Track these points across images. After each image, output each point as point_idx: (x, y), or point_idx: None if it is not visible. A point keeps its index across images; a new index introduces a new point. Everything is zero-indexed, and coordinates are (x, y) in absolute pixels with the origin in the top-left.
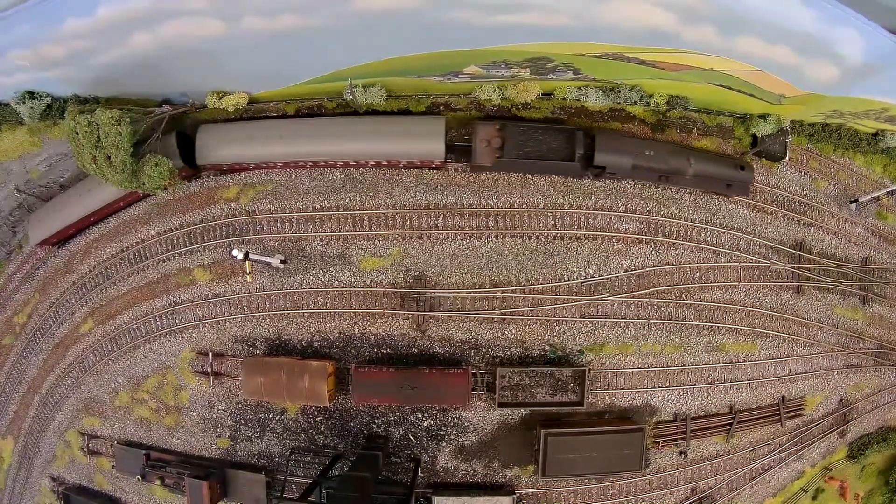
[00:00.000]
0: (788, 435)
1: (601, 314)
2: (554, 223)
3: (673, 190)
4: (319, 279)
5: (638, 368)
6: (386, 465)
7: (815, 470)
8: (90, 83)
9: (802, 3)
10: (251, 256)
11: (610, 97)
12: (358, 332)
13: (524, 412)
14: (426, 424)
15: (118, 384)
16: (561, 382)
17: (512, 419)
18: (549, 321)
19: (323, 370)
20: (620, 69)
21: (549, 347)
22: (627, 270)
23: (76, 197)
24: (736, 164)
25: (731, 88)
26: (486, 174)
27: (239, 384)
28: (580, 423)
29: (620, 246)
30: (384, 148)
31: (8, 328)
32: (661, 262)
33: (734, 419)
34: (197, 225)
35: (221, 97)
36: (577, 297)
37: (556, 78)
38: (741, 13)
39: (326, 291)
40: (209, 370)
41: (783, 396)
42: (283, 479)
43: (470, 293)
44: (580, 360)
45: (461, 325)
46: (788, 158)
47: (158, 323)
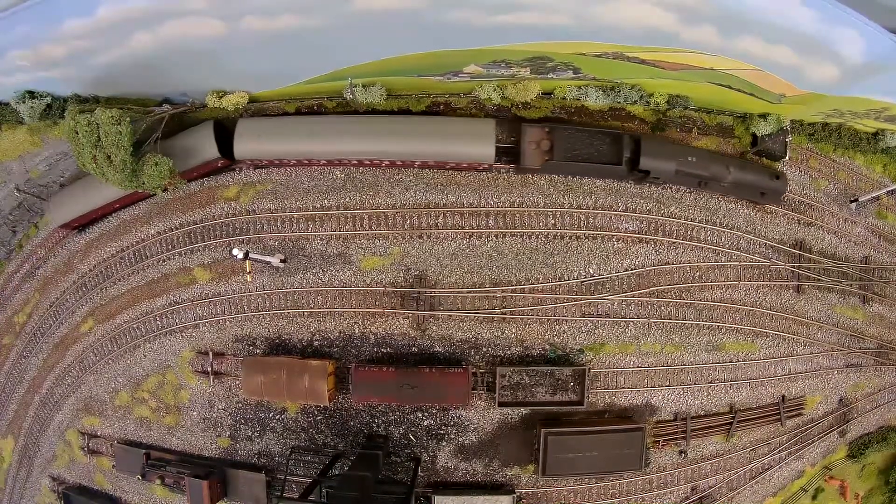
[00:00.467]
0: (788, 434)
1: (601, 313)
2: (554, 222)
3: (673, 189)
4: (319, 278)
5: (638, 368)
6: (386, 464)
7: (815, 469)
8: (90, 83)
9: (803, 3)
10: (251, 256)
11: (610, 96)
12: (358, 331)
13: (524, 411)
14: (426, 424)
15: (118, 383)
16: (561, 382)
17: (512, 418)
18: (549, 320)
19: (323, 369)
20: (620, 68)
21: (549, 347)
22: (627, 270)
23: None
24: (771, 173)
25: (731, 88)
26: (531, 175)
27: (239, 383)
28: (580, 422)
29: (620, 245)
30: (433, 149)
31: (8, 328)
32: (661, 261)
33: (734, 418)
34: (197, 224)
35: (221, 97)
36: (577, 296)
37: (555, 77)
38: (741, 13)
39: (326, 291)
40: (209, 369)
41: (783, 396)
42: (283, 478)
43: (470, 292)
44: (580, 359)
45: (461, 324)
46: (788, 158)
47: (158, 322)
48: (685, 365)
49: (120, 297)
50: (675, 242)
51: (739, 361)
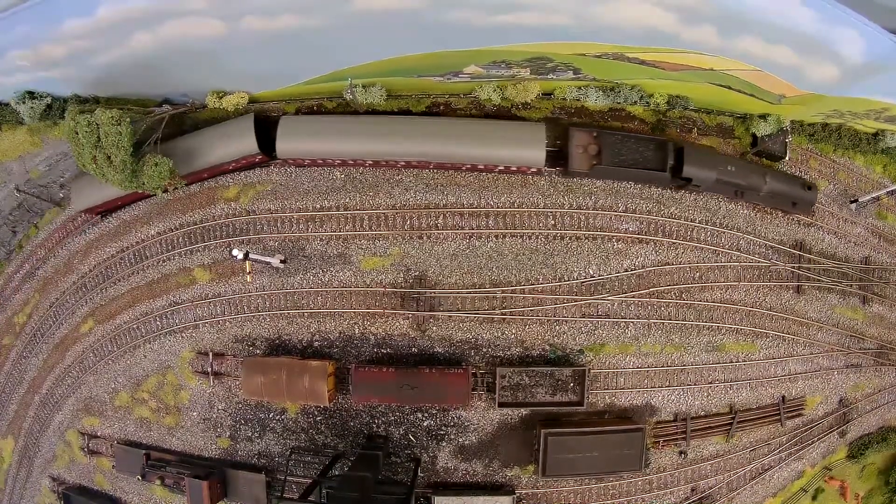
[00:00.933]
0: (788, 435)
1: (601, 314)
2: (554, 223)
3: (673, 190)
4: (319, 279)
5: (638, 368)
6: (386, 464)
7: (815, 470)
8: (90, 83)
9: (803, 3)
10: (251, 256)
11: (610, 97)
12: (358, 331)
13: (524, 412)
14: (426, 424)
15: (118, 384)
16: (561, 382)
17: (512, 419)
18: (549, 321)
19: (323, 370)
20: (620, 69)
21: (549, 347)
22: (627, 270)
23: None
24: (804, 184)
25: (731, 88)
26: (578, 179)
27: (239, 384)
28: (580, 422)
29: (620, 246)
30: (483, 153)
31: (8, 328)
32: (661, 261)
33: (734, 419)
34: (197, 225)
35: (221, 97)
36: (577, 296)
37: (556, 78)
38: (741, 13)
39: (326, 291)
40: (209, 370)
41: (783, 396)
42: (283, 478)
43: (470, 293)
44: (580, 359)
45: (461, 324)
46: (788, 158)
47: (158, 323)
48: (685, 365)
49: (120, 297)
50: (674, 243)
51: (739, 362)
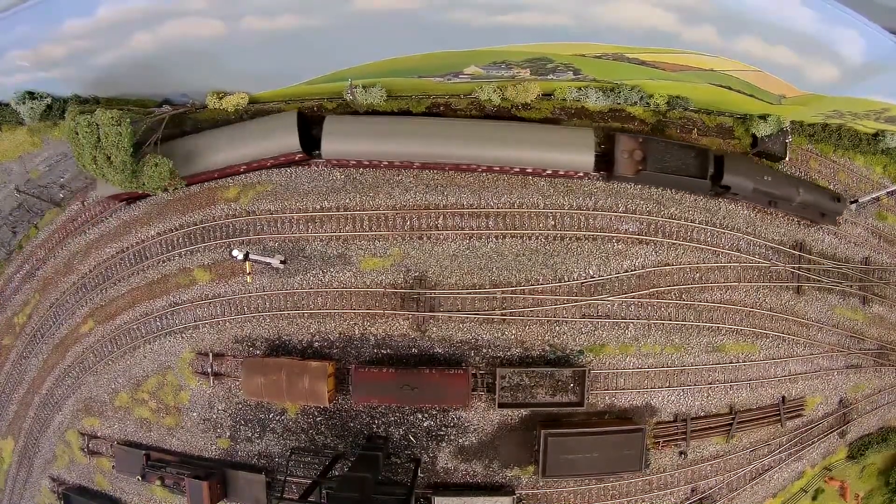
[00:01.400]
0: (788, 435)
1: (601, 315)
2: (554, 223)
3: (673, 191)
4: (319, 279)
5: (638, 369)
6: (386, 465)
7: (815, 470)
8: (90, 83)
9: (803, 3)
10: (251, 257)
11: (610, 97)
12: (358, 332)
13: (524, 412)
14: (426, 425)
15: (118, 384)
16: (561, 383)
17: (512, 419)
18: (549, 321)
19: (323, 370)
20: (620, 69)
21: (549, 348)
22: (628, 271)
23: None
24: (832, 195)
25: (731, 89)
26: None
27: (239, 384)
28: (580, 423)
29: (621, 246)
30: (533, 156)
31: (8, 329)
32: (661, 262)
33: (734, 419)
34: (197, 225)
35: (221, 97)
36: (577, 297)
37: (556, 78)
38: (741, 13)
39: (326, 292)
40: (209, 370)
41: (783, 397)
42: (283, 479)
43: (470, 294)
44: (580, 360)
45: (461, 325)
46: (788, 159)
47: (158, 323)
48: (685, 366)
49: (120, 298)
50: (675, 243)
51: (739, 362)
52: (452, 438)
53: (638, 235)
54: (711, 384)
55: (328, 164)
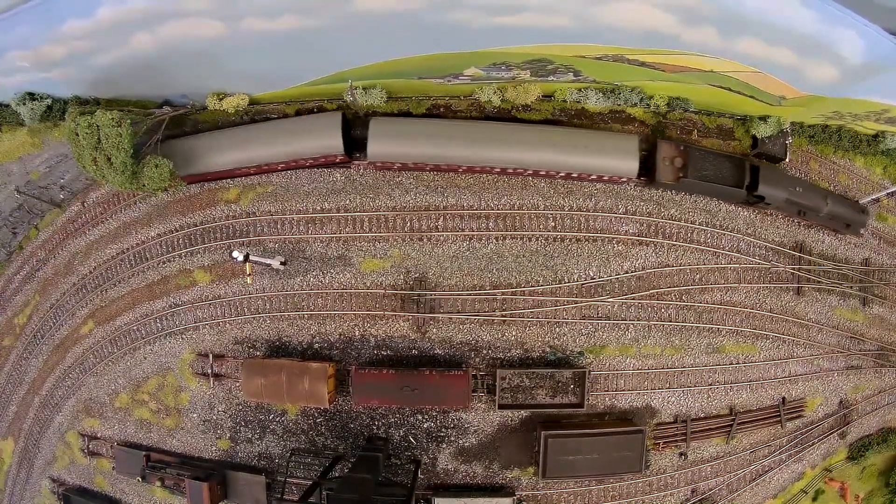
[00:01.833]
0: (789, 436)
1: (601, 316)
2: (554, 225)
3: (673, 192)
4: (320, 281)
5: (638, 370)
6: (386, 466)
7: (815, 471)
8: (90, 84)
9: (803, 4)
10: (251, 258)
11: (610, 99)
12: (358, 333)
13: (524, 414)
14: (426, 426)
15: (118, 385)
16: (561, 384)
17: (512, 421)
18: (549, 323)
19: (323, 372)
20: (620, 71)
21: (549, 349)
22: (628, 272)
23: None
24: (858, 207)
25: (731, 90)
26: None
27: (239, 386)
28: (580, 424)
29: (621, 248)
30: (580, 162)
31: (8, 329)
32: (661, 263)
33: (734, 421)
34: (197, 226)
35: (222, 98)
36: (577, 298)
37: (556, 80)
38: (741, 14)
39: (327, 293)
40: (209, 372)
41: (783, 398)
42: (283, 480)
43: (470, 295)
44: (580, 361)
45: (461, 326)
46: (789, 160)
47: (159, 324)
48: (685, 367)
49: (120, 299)
50: (675, 245)
51: (739, 363)
52: (453, 440)
53: (638, 237)
54: (712, 385)
55: (371, 166)
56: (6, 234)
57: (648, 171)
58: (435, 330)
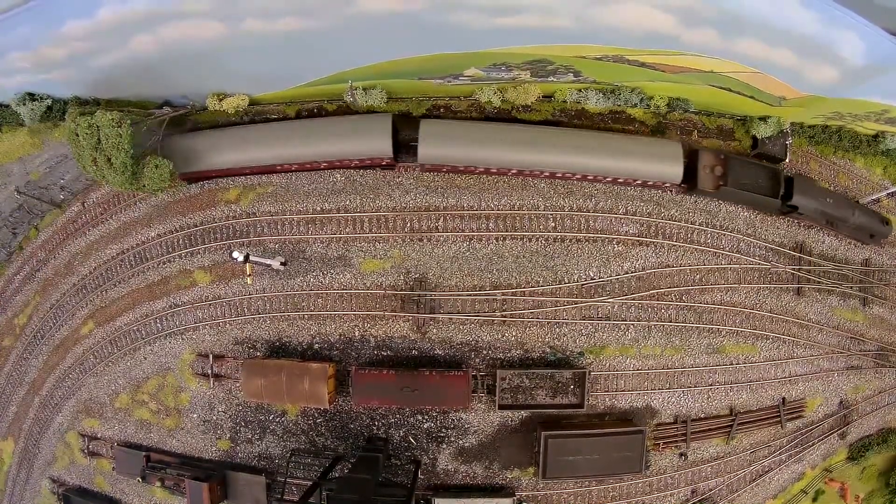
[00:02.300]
0: (789, 437)
1: (601, 316)
2: (554, 225)
3: (673, 192)
4: (320, 281)
5: (638, 370)
6: (386, 466)
7: (815, 472)
8: (91, 85)
9: (803, 5)
10: (251, 258)
11: (610, 99)
12: (358, 334)
13: (524, 414)
14: (426, 426)
15: (118, 386)
16: (561, 384)
17: (512, 421)
18: (549, 323)
19: (323, 372)
20: (621, 71)
21: (549, 349)
22: (628, 272)
23: (247, 136)
24: (882, 219)
25: (731, 90)
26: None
27: (239, 386)
28: (580, 425)
29: (621, 248)
30: (627, 167)
31: (8, 330)
32: (661, 263)
33: (734, 421)
34: (197, 227)
35: (222, 99)
36: (577, 299)
37: (556, 80)
38: (741, 15)
39: (327, 293)
40: (209, 372)
41: (783, 398)
42: (283, 480)
43: (470, 295)
44: (580, 362)
45: (461, 327)
46: (788, 160)
47: (159, 325)
48: (685, 367)
49: (120, 299)
50: (675, 245)
51: (739, 364)
52: (452, 440)
53: (638, 237)
54: (712, 386)
55: (422, 168)
56: (6, 234)
57: (687, 178)
58: (435, 330)
